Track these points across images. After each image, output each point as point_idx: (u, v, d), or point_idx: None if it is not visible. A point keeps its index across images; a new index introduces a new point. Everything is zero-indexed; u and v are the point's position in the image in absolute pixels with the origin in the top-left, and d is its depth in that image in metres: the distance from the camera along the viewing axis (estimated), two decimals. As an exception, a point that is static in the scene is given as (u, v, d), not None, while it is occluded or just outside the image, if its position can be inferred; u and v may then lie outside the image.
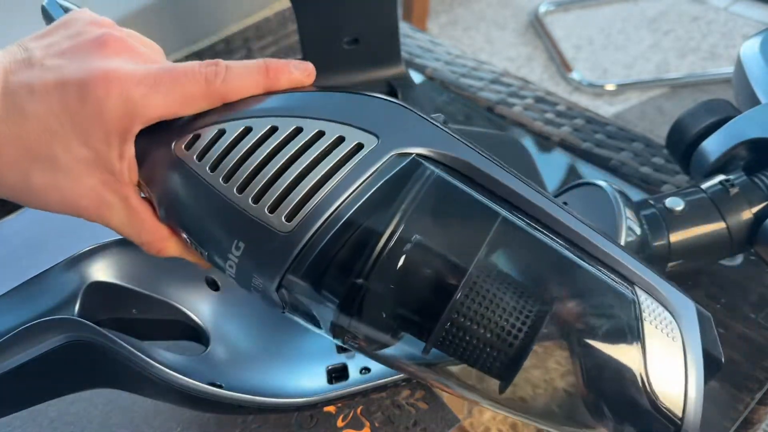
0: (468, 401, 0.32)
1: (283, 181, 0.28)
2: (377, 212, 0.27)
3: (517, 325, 0.27)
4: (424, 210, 0.28)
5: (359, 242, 0.27)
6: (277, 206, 0.28)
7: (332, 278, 0.28)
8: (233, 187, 0.28)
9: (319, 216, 0.27)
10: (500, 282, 0.27)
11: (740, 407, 0.45)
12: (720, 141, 0.46)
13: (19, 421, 0.43)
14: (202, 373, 0.35)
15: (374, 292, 0.28)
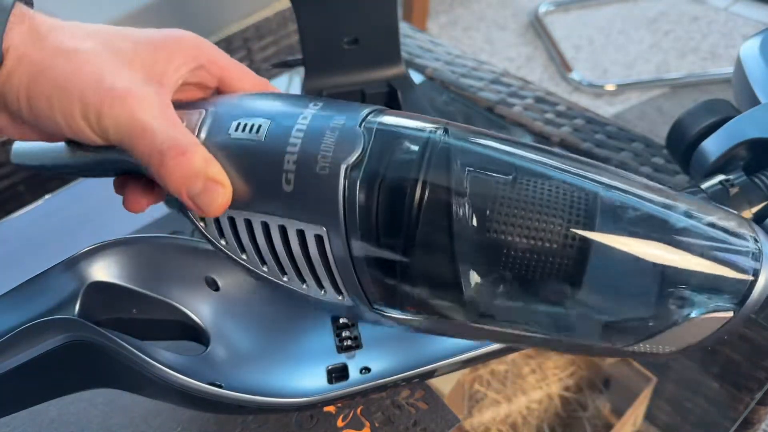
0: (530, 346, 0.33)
1: (306, 269, 0.32)
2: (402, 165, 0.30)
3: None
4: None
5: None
6: (321, 286, 0.32)
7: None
8: None
9: (357, 288, 0.31)
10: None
11: (740, 407, 0.45)
12: (720, 141, 0.46)
13: (19, 420, 0.43)
14: (202, 373, 0.35)
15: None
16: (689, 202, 0.31)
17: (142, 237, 0.38)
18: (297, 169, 0.30)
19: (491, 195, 0.29)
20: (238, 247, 0.32)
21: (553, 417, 0.46)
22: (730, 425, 0.44)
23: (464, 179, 0.29)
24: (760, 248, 0.29)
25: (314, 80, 0.59)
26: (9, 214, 0.59)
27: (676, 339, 0.30)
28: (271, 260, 0.32)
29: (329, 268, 0.31)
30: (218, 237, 0.32)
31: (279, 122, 0.31)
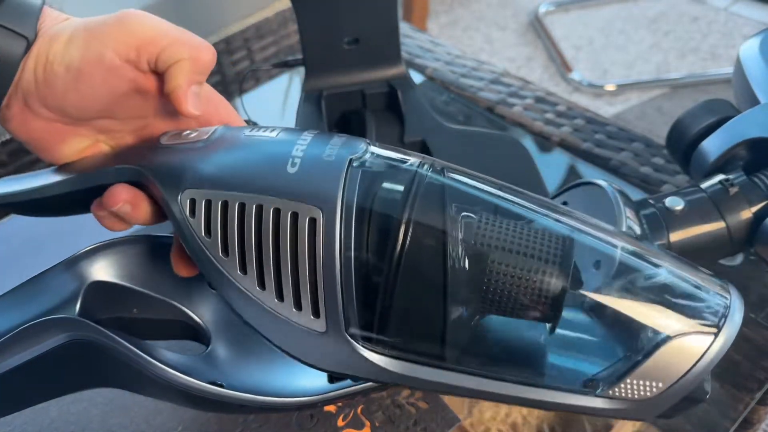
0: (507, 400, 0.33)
1: (290, 274, 0.30)
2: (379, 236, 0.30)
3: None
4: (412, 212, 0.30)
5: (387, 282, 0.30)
6: (299, 302, 0.30)
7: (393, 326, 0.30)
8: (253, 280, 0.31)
9: (336, 302, 0.30)
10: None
11: (740, 407, 0.45)
12: (720, 141, 0.46)
13: (19, 420, 0.43)
14: (203, 372, 0.35)
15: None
16: (670, 261, 0.33)
17: (142, 236, 0.38)
18: (304, 155, 0.31)
19: (474, 238, 0.30)
20: (222, 245, 0.31)
21: (553, 417, 0.46)
22: (730, 425, 0.44)
23: (455, 218, 0.31)
24: (728, 305, 0.31)
25: (314, 80, 0.59)
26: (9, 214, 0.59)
27: (659, 370, 0.30)
28: (253, 260, 0.31)
29: (314, 264, 0.30)
30: (203, 232, 0.31)
31: (290, 131, 0.33)
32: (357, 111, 0.61)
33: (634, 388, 0.30)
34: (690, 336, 0.30)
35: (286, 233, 0.30)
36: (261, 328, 0.31)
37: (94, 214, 0.35)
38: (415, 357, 0.31)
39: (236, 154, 0.32)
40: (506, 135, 0.65)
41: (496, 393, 0.31)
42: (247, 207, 0.30)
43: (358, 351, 0.31)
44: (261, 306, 0.31)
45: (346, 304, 0.30)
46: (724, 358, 0.47)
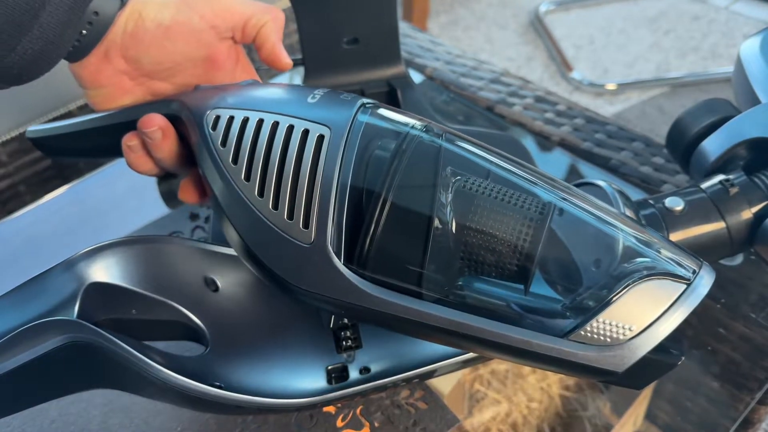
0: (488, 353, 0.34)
1: (289, 184, 0.33)
2: (368, 176, 0.32)
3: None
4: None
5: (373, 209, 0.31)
6: (292, 212, 0.32)
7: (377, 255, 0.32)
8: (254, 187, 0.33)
9: (327, 215, 0.32)
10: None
11: (740, 407, 0.45)
12: (720, 141, 0.46)
13: (19, 420, 0.43)
14: (202, 373, 0.35)
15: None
16: (646, 230, 0.34)
17: (141, 237, 0.38)
18: (325, 93, 0.36)
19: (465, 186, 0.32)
20: (233, 155, 0.34)
21: (554, 417, 0.46)
22: (730, 425, 0.44)
23: (446, 170, 0.33)
24: (699, 266, 0.32)
25: (314, 80, 0.59)
26: (9, 214, 0.59)
27: (631, 312, 0.30)
28: (259, 167, 0.33)
29: (313, 178, 0.32)
30: (221, 144, 0.35)
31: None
32: (357, 111, 0.61)
33: (606, 331, 0.30)
34: (663, 280, 0.30)
35: (294, 146, 0.33)
36: (248, 236, 0.33)
37: (124, 146, 0.40)
38: (393, 283, 0.32)
39: (263, 90, 0.38)
40: (506, 134, 0.65)
41: (469, 325, 0.31)
42: (264, 123, 0.34)
43: (339, 268, 0.31)
44: (255, 213, 0.33)
45: (336, 221, 0.32)
46: (724, 358, 0.48)
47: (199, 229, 0.56)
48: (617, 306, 0.30)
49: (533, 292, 0.32)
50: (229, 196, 0.34)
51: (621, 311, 0.30)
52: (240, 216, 0.33)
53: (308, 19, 0.57)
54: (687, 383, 0.47)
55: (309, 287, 0.32)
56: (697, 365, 0.48)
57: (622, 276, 0.30)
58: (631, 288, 0.30)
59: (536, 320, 0.31)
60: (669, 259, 0.31)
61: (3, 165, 0.66)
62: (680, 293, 0.30)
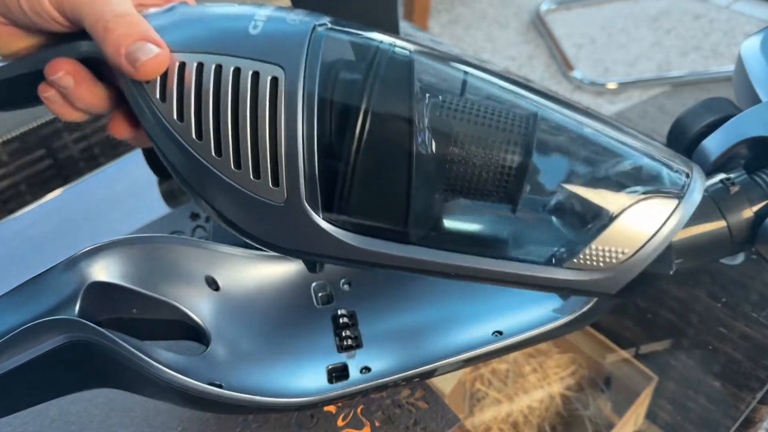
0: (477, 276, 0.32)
1: (248, 138, 0.29)
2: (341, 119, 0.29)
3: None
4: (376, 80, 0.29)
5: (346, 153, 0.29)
6: (257, 170, 0.29)
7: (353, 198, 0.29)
8: (209, 146, 0.29)
9: (297, 168, 0.28)
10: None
11: (741, 406, 0.45)
12: (720, 139, 0.46)
13: (19, 420, 0.43)
14: (202, 372, 0.35)
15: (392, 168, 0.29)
16: (634, 135, 0.32)
17: (142, 237, 0.38)
18: (267, 19, 0.30)
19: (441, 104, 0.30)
20: (177, 107, 0.29)
21: (555, 416, 0.46)
22: (731, 424, 0.44)
23: (420, 93, 0.30)
24: (690, 176, 0.32)
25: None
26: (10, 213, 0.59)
27: (624, 235, 0.29)
28: (210, 125, 0.29)
29: (275, 128, 0.28)
30: (158, 96, 0.30)
31: (251, 4, 0.32)
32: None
33: (600, 256, 0.30)
34: (653, 200, 0.30)
35: (246, 94, 0.28)
36: (215, 200, 0.30)
37: (41, 97, 0.34)
38: (378, 231, 0.30)
39: (195, 19, 0.31)
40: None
41: (460, 265, 0.30)
42: (205, 67, 0.29)
43: (319, 224, 0.29)
44: (216, 175, 0.29)
45: (307, 172, 0.29)
46: (725, 357, 0.48)
47: (200, 229, 0.56)
48: (609, 232, 0.29)
49: (523, 220, 0.31)
50: (185, 160, 0.30)
51: (613, 236, 0.29)
52: (202, 181, 0.30)
53: (308, 18, 0.57)
54: (688, 382, 0.47)
55: (291, 246, 0.31)
56: (698, 364, 0.48)
57: (614, 198, 0.30)
58: (623, 212, 0.29)
59: (529, 250, 0.31)
60: (659, 172, 0.31)
61: (3, 165, 0.66)
62: (672, 210, 0.30)
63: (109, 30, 0.30)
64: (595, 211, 0.30)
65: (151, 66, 0.30)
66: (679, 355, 0.49)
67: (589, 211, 0.30)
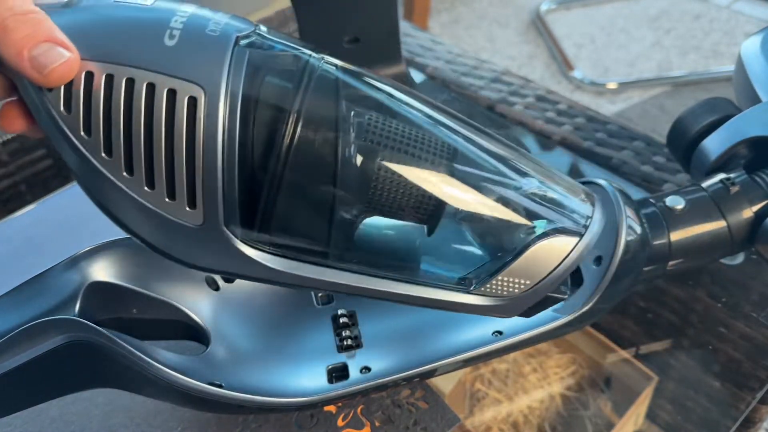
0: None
1: (163, 158, 0.27)
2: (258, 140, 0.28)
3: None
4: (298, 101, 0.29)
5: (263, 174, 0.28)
6: (173, 191, 0.28)
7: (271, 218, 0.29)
8: (118, 164, 0.27)
9: (216, 191, 0.27)
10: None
11: (741, 406, 0.45)
12: (720, 139, 0.46)
13: (19, 420, 0.43)
14: (202, 372, 0.35)
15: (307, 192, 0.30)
16: (542, 171, 0.34)
17: None
18: (184, 27, 0.27)
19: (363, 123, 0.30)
20: (84, 121, 0.27)
21: (555, 416, 0.46)
22: (731, 424, 0.44)
23: (346, 114, 0.30)
24: (592, 211, 0.34)
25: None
26: (10, 213, 0.59)
27: (528, 269, 0.32)
28: (120, 142, 0.27)
29: (192, 149, 0.27)
30: (63, 106, 0.27)
31: (167, 2, 0.29)
32: (357, 110, 0.61)
33: (505, 285, 0.32)
34: (556, 238, 0.32)
35: (161, 113, 0.27)
36: (125, 218, 0.29)
37: None
38: (296, 254, 0.30)
39: (104, 20, 0.28)
40: (507, 134, 0.65)
41: (375, 289, 0.31)
42: (115, 80, 0.27)
43: (238, 247, 0.29)
44: (127, 194, 0.28)
45: (226, 194, 0.28)
46: (725, 357, 0.48)
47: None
48: (514, 266, 0.32)
49: (436, 249, 0.33)
50: (92, 175, 0.28)
51: (517, 269, 0.32)
52: (111, 198, 0.28)
53: (309, 18, 0.57)
54: (688, 382, 0.47)
55: (208, 265, 0.30)
56: (699, 364, 0.48)
57: (519, 235, 0.32)
58: (528, 249, 0.32)
59: (440, 276, 0.33)
60: (564, 210, 0.33)
61: (4, 165, 0.66)
62: (572, 248, 0.32)
63: (8, 29, 0.27)
64: (502, 245, 0.32)
65: (61, 72, 0.27)
66: (679, 355, 0.49)
67: (496, 245, 0.33)
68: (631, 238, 0.38)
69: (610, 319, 0.51)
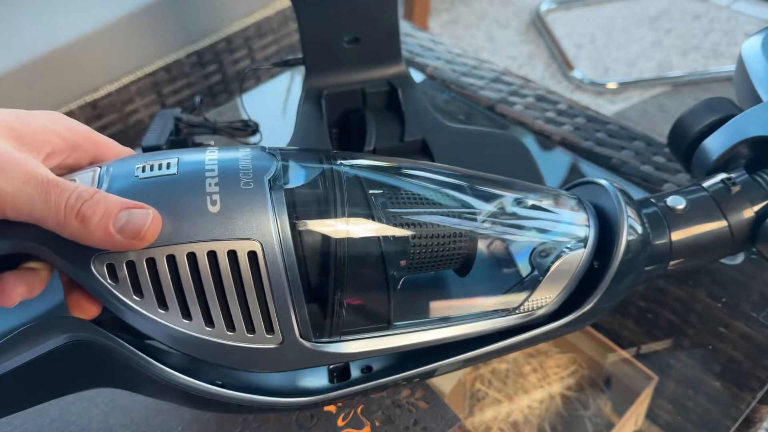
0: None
1: (238, 308, 0.31)
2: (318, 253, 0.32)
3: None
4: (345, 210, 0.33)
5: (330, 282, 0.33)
6: (252, 327, 0.31)
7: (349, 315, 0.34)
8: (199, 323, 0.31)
9: (289, 315, 0.32)
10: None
11: (741, 406, 0.45)
12: (721, 139, 0.46)
13: (20, 420, 0.43)
14: (204, 372, 0.35)
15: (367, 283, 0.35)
16: (543, 197, 0.40)
17: None
18: (221, 189, 0.30)
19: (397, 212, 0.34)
20: (158, 301, 0.30)
21: (555, 416, 0.46)
22: (731, 424, 0.44)
23: (378, 208, 0.34)
24: (587, 220, 0.39)
25: (314, 79, 0.59)
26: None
27: (552, 285, 0.38)
28: (197, 305, 0.30)
29: (262, 292, 0.31)
30: (132, 294, 0.30)
31: (188, 156, 0.32)
32: (357, 110, 0.61)
33: (536, 302, 0.38)
34: (568, 256, 0.38)
35: (227, 271, 0.30)
36: (218, 359, 0.32)
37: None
38: (363, 333, 0.34)
39: (142, 198, 0.29)
40: (507, 134, 0.65)
41: (433, 339, 0.36)
42: (178, 259, 0.29)
43: (314, 349, 0.33)
44: (211, 342, 0.31)
45: (298, 314, 0.31)
46: (725, 357, 0.47)
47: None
48: (540, 288, 0.37)
49: (478, 292, 0.39)
50: (178, 339, 0.31)
51: (541, 291, 0.38)
52: (198, 350, 0.31)
53: (309, 18, 0.56)
54: (688, 382, 0.47)
55: (285, 369, 0.34)
56: (699, 364, 0.48)
57: (542, 263, 0.38)
58: (549, 272, 0.37)
59: (486, 309, 0.38)
60: (570, 232, 0.39)
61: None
62: (580, 259, 0.38)
63: (86, 217, 0.28)
64: (532, 271, 0.38)
65: (154, 230, 0.28)
66: (679, 355, 0.49)
67: (526, 278, 0.38)
68: (633, 237, 0.38)
69: (610, 319, 0.51)
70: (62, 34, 0.75)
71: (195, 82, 0.85)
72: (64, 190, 0.28)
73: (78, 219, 0.28)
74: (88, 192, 0.28)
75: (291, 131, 0.57)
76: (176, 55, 0.82)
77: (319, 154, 0.36)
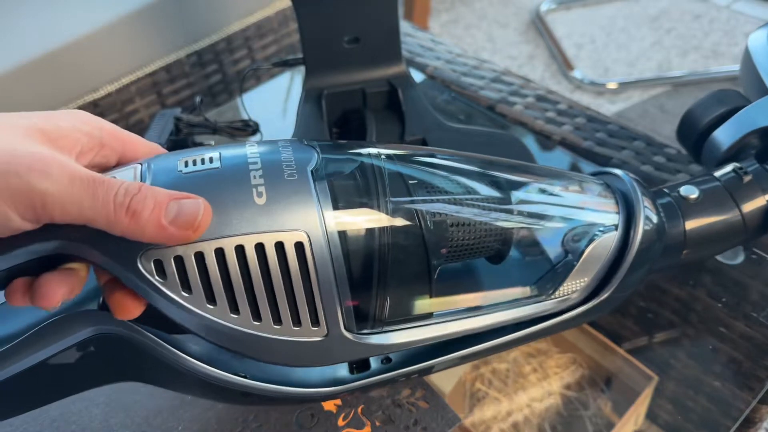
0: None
1: (285, 300, 0.31)
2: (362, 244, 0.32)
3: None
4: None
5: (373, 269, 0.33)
6: (298, 319, 0.32)
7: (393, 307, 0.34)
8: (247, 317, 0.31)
9: (335, 307, 0.32)
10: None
11: (741, 406, 0.45)
12: (731, 130, 0.46)
13: (20, 420, 0.43)
14: (227, 363, 0.35)
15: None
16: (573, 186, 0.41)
17: None
18: (266, 181, 0.30)
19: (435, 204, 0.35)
20: (207, 295, 0.30)
21: (555, 415, 0.46)
22: (731, 424, 0.44)
23: (417, 198, 0.34)
24: (616, 203, 0.40)
25: (315, 79, 0.59)
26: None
27: (586, 268, 0.38)
28: (245, 299, 0.30)
29: (309, 283, 0.31)
30: (181, 289, 0.29)
31: (229, 150, 0.32)
32: (357, 110, 0.61)
33: (571, 286, 0.38)
34: (600, 239, 0.38)
35: (275, 263, 0.30)
36: (259, 355, 0.32)
37: (10, 302, 0.30)
38: (405, 323, 0.35)
39: (192, 191, 0.29)
40: (507, 133, 0.65)
41: (482, 326, 0.36)
42: (226, 252, 0.29)
43: (356, 341, 0.33)
44: (258, 337, 0.31)
45: (343, 306, 0.32)
46: (725, 357, 0.48)
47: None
48: (575, 272, 0.38)
49: (518, 277, 0.39)
50: (225, 334, 0.31)
51: (576, 275, 0.38)
52: (245, 345, 0.31)
53: (309, 18, 0.57)
54: (688, 382, 0.47)
55: (330, 363, 0.35)
56: (699, 364, 0.48)
57: (575, 247, 0.38)
58: (583, 256, 0.38)
59: (524, 294, 0.39)
60: (602, 216, 0.39)
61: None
62: (614, 241, 0.38)
63: (137, 213, 0.27)
64: (566, 256, 0.39)
65: (206, 219, 0.28)
66: (679, 355, 0.49)
67: (560, 258, 0.39)
68: (649, 227, 0.38)
69: (610, 319, 0.51)
70: (62, 34, 0.75)
71: (195, 82, 0.85)
72: (111, 187, 0.27)
73: (128, 215, 0.27)
74: (135, 186, 0.28)
75: (291, 131, 0.57)
76: (176, 55, 0.82)
77: (355, 145, 0.36)
